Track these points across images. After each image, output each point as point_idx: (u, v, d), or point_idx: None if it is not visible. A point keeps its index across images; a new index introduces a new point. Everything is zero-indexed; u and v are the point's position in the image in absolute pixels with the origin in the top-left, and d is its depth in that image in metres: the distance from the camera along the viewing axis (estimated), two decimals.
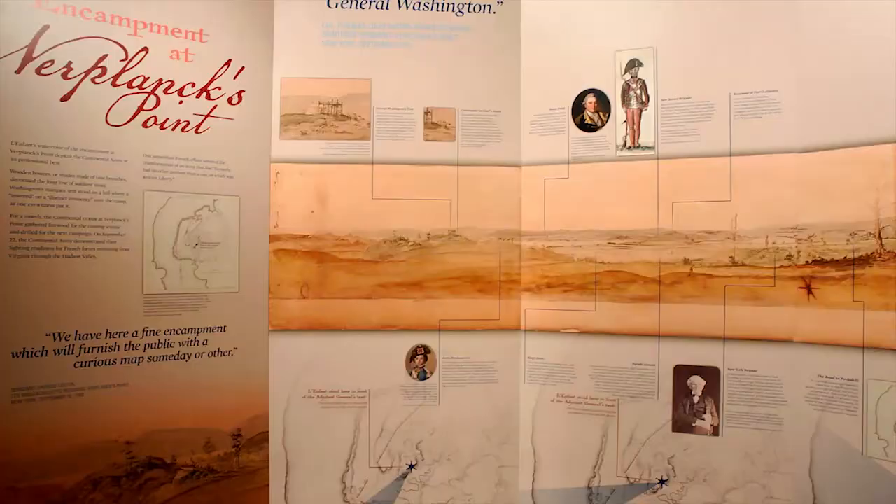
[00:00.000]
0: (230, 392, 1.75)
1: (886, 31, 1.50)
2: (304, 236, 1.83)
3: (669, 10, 1.76)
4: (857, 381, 1.54)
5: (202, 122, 1.71)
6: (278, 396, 1.81)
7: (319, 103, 1.84)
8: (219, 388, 1.73)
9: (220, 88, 1.74)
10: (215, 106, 1.73)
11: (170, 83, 1.67)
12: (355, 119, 1.85)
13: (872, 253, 1.51)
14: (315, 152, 1.84)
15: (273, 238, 1.81)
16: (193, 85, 1.70)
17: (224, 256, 1.74)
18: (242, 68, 1.77)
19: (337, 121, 1.85)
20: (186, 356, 1.69)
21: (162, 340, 1.65)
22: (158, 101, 1.65)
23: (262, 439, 1.79)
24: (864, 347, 1.53)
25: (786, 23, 1.64)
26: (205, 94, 1.72)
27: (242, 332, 1.77)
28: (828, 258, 1.58)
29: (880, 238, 1.50)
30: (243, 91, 1.77)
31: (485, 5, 1.88)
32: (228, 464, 1.74)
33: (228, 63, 1.75)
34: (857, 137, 1.53)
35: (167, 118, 1.66)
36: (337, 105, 1.85)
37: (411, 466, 1.86)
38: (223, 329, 1.74)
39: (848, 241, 1.54)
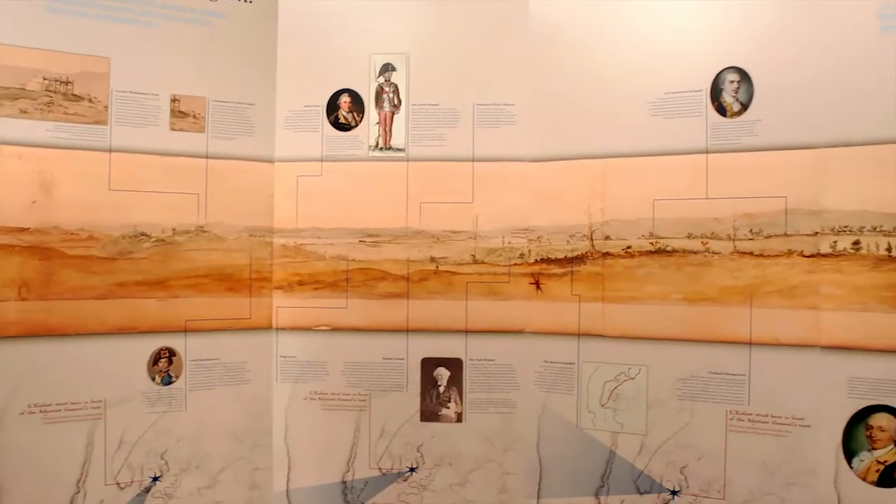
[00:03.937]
0: None
1: (593, 63, 1.74)
2: (24, 230, 1.61)
3: (423, 20, 1.85)
4: (573, 364, 1.76)
5: None
6: None
7: (45, 79, 1.63)
8: None
9: None
10: None
11: None
12: (90, 101, 1.67)
13: (586, 252, 1.74)
14: (38, 134, 1.62)
15: None
16: None
17: None
18: None
19: (67, 101, 1.65)
20: None
21: None
22: None
23: None
24: (579, 335, 1.75)
25: (524, 44, 1.81)
26: None
27: None
28: (553, 257, 1.78)
29: (592, 240, 1.74)
30: None
31: None
32: None
33: None
34: (576, 151, 1.75)
35: None
36: (67, 83, 1.65)
37: (155, 479, 1.74)
38: None
39: (568, 241, 1.76)
